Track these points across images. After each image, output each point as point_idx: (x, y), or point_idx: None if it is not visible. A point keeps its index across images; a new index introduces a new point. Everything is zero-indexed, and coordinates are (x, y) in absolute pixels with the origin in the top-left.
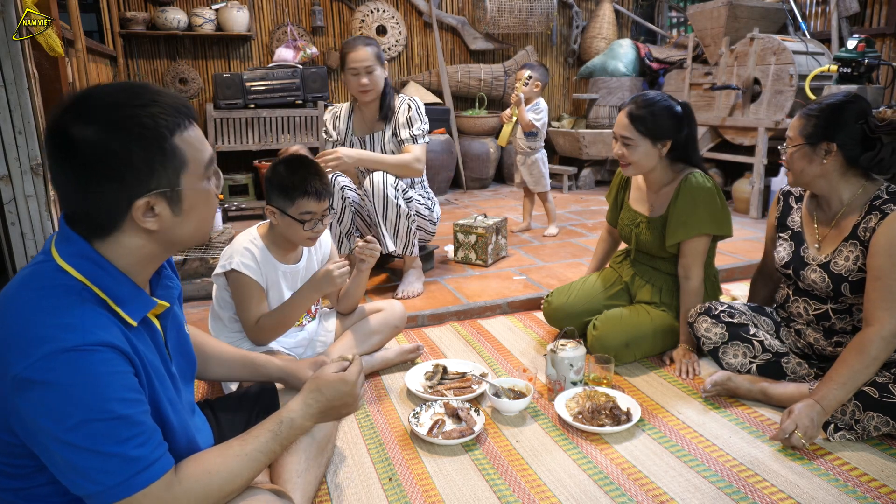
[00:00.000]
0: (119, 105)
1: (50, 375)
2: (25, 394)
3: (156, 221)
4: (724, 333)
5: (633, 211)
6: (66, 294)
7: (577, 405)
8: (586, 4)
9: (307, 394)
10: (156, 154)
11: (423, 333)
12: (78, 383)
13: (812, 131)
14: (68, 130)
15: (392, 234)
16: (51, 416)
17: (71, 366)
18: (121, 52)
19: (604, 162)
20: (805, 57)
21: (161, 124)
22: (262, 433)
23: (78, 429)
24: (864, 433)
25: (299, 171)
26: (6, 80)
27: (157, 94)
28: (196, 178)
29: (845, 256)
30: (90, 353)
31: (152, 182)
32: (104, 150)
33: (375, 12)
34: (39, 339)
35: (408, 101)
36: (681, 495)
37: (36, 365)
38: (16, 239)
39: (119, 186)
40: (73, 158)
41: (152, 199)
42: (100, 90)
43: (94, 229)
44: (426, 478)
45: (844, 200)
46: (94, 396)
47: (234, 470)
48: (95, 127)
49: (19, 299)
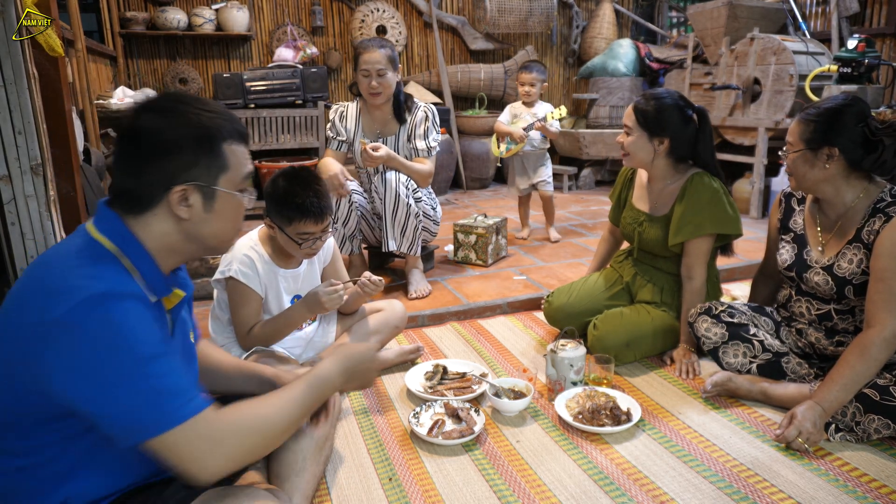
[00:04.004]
0: (187, 103)
1: (87, 320)
2: (64, 338)
3: (187, 211)
4: (724, 333)
5: (635, 209)
6: (98, 257)
7: (578, 405)
8: (586, 4)
9: (336, 356)
10: (203, 150)
11: (424, 333)
12: (113, 326)
13: (812, 136)
14: (139, 116)
15: (398, 232)
16: (90, 359)
17: (105, 310)
18: (121, 52)
19: (604, 162)
20: (805, 57)
21: (216, 127)
22: (296, 385)
23: (117, 369)
24: (864, 435)
25: (298, 190)
26: (6, 80)
27: (223, 109)
28: (231, 185)
29: (849, 259)
30: (122, 301)
31: (193, 173)
32: (160, 134)
33: (375, 12)
34: (75, 287)
35: (424, 108)
36: (681, 495)
37: (74, 310)
38: (16, 239)
39: (164, 168)
40: (135, 139)
41: (189, 189)
42: (178, 93)
43: (131, 206)
44: (426, 478)
45: (847, 203)
46: (129, 338)
47: (273, 416)
48: (160, 116)
49: (55, 258)
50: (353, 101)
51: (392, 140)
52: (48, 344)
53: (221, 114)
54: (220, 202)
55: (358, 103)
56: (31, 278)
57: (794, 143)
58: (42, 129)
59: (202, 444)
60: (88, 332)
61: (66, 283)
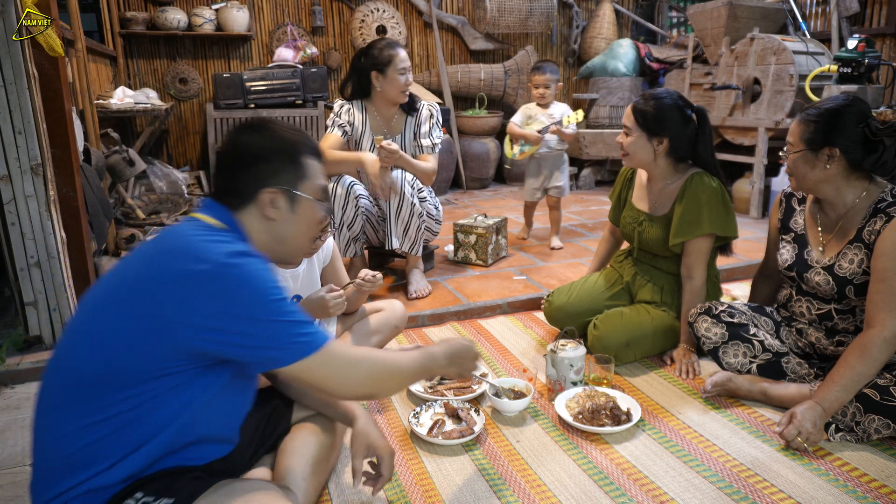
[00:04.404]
0: (275, 125)
1: (234, 269)
2: (217, 284)
3: (275, 212)
4: (724, 333)
5: (635, 209)
6: (220, 231)
7: (578, 405)
8: (586, 4)
9: (443, 343)
10: (288, 161)
11: (424, 333)
12: (252, 274)
13: (812, 136)
14: (239, 133)
15: (402, 231)
16: (237, 300)
17: (245, 262)
18: (121, 52)
19: (604, 162)
20: (805, 57)
21: (298, 143)
22: (412, 352)
23: (263, 307)
24: (864, 435)
25: None
26: (6, 80)
27: (302, 131)
28: (310, 192)
29: (850, 259)
30: (254, 256)
31: (280, 178)
32: (256, 148)
33: (375, 12)
34: (214, 248)
35: (428, 106)
36: (681, 495)
37: (222, 263)
38: (16, 239)
39: (257, 172)
40: (235, 150)
41: (276, 193)
42: (268, 118)
43: (230, 201)
44: (426, 478)
45: (848, 203)
46: (266, 283)
47: (395, 360)
48: (255, 133)
49: (178, 234)
50: (350, 101)
51: (398, 138)
52: (201, 290)
53: (301, 134)
54: (302, 206)
55: (362, 103)
56: (160, 248)
57: (795, 144)
58: (42, 129)
59: (340, 364)
60: (235, 279)
61: (205, 246)
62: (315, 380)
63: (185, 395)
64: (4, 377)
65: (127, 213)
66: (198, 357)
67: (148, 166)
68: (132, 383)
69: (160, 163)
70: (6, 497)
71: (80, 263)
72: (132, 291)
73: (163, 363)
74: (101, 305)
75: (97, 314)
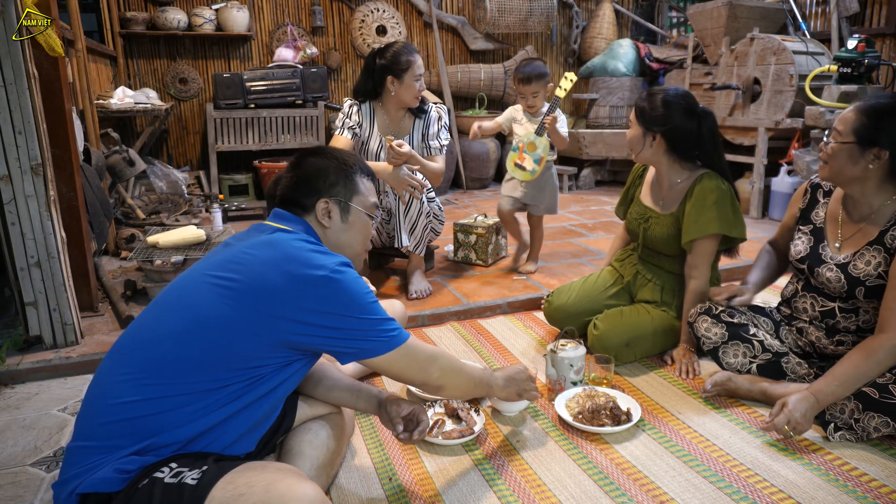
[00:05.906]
0: (334, 149)
1: (343, 276)
2: (328, 288)
3: (329, 221)
4: (724, 333)
5: (642, 205)
6: (316, 243)
7: (577, 405)
8: (586, 4)
9: (502, 370)
10: (342, 177)
11: (424, 333)
12: (355, 280)
13: (866, 133)
14: (304, 155)
15: (409, 230)
16: (345, 301)
17: (350, 271)
18: (121, 52)
19: (604, 162)
20: (805, 57)
21: (353, 164)
22: (476, 368)
23: (363, 307)
24: (863, 434)
25: None
26: (6, 80)
27: (359, 158)
28: (362, 205)
29: (867, 261)
30: (351, 266)
31: (334, 191)
32: (316, 164)
33: (375, 12)
34: (321, 255)
35: (436, 107)
36: (681, 495)
37: (334, 270)
38: (16, 239)
39: (316, 185)
40: (301, 167)
41: (331, 203)
42: (331, 147)
43: (295, 209)
44: (426, 478)
45: (874, 206)
46: (364, 288)
47: (462, 366)
48: (319, 157)
49: (288, 240)
50: (359, 101)
51: (407, 139)
52: (312, 292)
53: (356, 157)
54: (353, 217)
55: (371, 104)
56: (274, 255)
57: (844, 133)
58: (42, 129)
59: (420, 358)
60: (343, 284)
61: (315, 256)
62: (399, 369)
63: (268, 384)
64: (4, 377)
65: (127, 213)
66: (291, 351)
67: (148, 166)
68: (236, 366)
69: (160, 163)
70: (6, 497)
71: (80, 263)
72: (254, 290)
73: (262, 353)
74: (209, 300)
75: (205, 308)
